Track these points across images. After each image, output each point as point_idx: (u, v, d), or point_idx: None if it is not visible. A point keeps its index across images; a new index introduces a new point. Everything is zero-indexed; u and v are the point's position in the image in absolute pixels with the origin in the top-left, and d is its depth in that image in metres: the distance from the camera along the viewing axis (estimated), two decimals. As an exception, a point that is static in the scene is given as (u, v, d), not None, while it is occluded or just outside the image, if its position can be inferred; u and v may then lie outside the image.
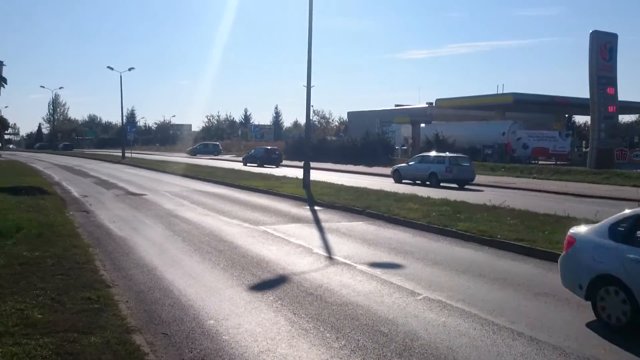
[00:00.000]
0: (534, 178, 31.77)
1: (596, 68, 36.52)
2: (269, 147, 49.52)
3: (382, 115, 62.86)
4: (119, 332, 5.81)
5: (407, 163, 29.81)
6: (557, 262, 9.97)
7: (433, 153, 29.58)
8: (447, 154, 28.43)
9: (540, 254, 10.51)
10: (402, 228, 13.84)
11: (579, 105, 49.97)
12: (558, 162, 43.65)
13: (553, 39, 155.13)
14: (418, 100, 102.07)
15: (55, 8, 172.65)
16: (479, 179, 28.24)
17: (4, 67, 6.71)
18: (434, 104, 58.52)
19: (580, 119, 75.88)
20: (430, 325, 6.64)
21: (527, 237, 11.51)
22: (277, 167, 42.61)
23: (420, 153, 33.19)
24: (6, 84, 6.98)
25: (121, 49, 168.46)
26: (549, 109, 54.16)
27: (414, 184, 27.82)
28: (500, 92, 57.09)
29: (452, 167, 26.65)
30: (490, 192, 23.50)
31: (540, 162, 43.38)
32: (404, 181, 28.66)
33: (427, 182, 27.21)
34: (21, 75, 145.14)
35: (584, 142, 53.76)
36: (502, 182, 29.03)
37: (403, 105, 67.22)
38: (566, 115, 66.55)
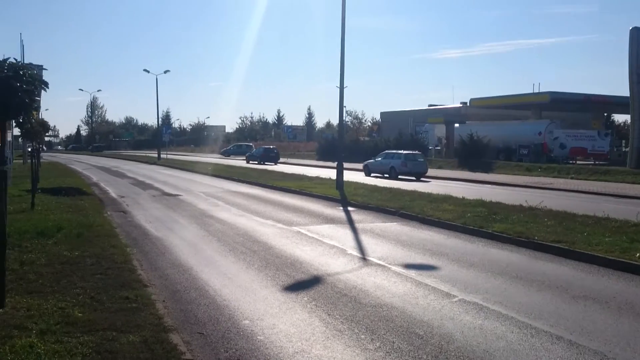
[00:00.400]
0: (571, 178, 31.14)
1: (636, 65, 35.62)
2: (268, 147, 56.10)
3: (415, 115, 62.44)
4: (156, 331, 5.89)
5: (374, 159, 34.03)
6: (597, 264, 9.83)
7: (394, 151, 34.63)
8: (403, 151, 32.80)
9: (579, 256, 10.28)
10: (436, 229, 13.71)
11: (618, 104, 48.81)
12: (597, 162, 42.67)
13: (591, 36, 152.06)
14: (452, 100, 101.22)
15: (93, 13, 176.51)
16: (505, 178, 28.84)
17: (44, 71, 6.96)
18: (468, 104, 57.90)
19: (620, 118, 74.21)
20: (466, 328, 6.56)
21: (565, 239, 11.27)
22: (275, 164, 48.25)
23: (455, 153, 33.80)
24: (48, 87, 7.20)
25: (156, 52, 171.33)
26: (587, 108, 52.98)
27: (382, 177, 31.49)
28: (536, 91, 56.08)
29: (407, 162, 31.12)
30: (525, 192, 23.09)
31: (578, 162, 42.47)
32: (372, 175, 32.63)
33: (387, 175, 31.37)
34: (60, 78, 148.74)
35: (623, 141, 52.39)
36: (538, 182, 28.54)
37: (436, 105, 66.70)
38: (605, 114, 64.96)
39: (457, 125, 50.90)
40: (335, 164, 25.01)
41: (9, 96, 6.04)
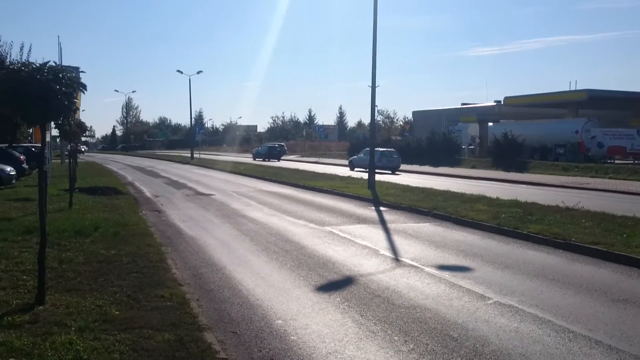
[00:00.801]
0: (610, 178, 30.40)
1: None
2: (272, 145, 63.04)
3: (448, 114, 61.85)
4: (191, 329, 5.96)
5: (358, 155, 39.29)
6: (636, 267, 9.57)
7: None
8: (380, 149, 37.07)
9: (618, 258, 10.03)
10: (470, 230, 13.55)
11: (658, 102, 47.45)
12: (636, 162, 41.56)
13: (629, 32, 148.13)
14: (485, 98, 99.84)
15: (127, 15, 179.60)
16: (540, 178, 28.43)
17: (82, 73, 7.14)
18: (502, 102, 57.07)
19: (660, 116, 71.92)
20: (501, 330, 6.46)
21: (603, 241, 11.02)
22: (278, 160, 54.92)
23: (489, 153, 33.42)
24: (86, 90, 7.34)
25: (190, 53, 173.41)
26: (626, 106, 51.61)
27: (364, 170, 32.94)
28: (573, 88, 54.92)
29: (383, 158, 36.15)
30: (561, 192, 22.64)
31: (616, 162, 41.45)
32: (356, 169, 37.92)
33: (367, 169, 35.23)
34: (96, 80, 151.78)
35: (664, 140, 50.87)
36: (575, 182, 27.95)
37: (470, 104, 65.88)
38: (644, 112, 63.22)
39: (490, 124, 50.23)
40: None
41: (49, 99, 6.15)
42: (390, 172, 36.16)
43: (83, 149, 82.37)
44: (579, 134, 43.15)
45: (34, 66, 6.39)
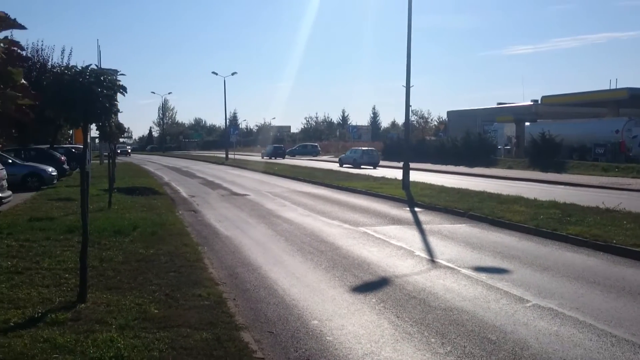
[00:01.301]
0: (652, 179, 29.53)
1: None
2: (277, 145, 71.00)
3: (483, 114, 60.98)
4: (228, 329, 6.02)
5: (345, 154, 48.06)
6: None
7: (357, 148, 50.09)
8: (363, 148, 47.47)
9: (663, 261, 9.75)
10: (507, 231, 13.35)
11: None
12: (680, 162, 40.26)
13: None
14: (522, 97, 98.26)
15: (164, 18, 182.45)
16: (579, 179, 28.36)
17: (122, 76, 7.23)
18: (539, 102, 56.02)
19: None
20: (541, 334, 6.35)
21: (646, 243, 10.72)
22: (283, 158, 61.22)
23: (526, 153, 33.00)
24: (126, 92, 7.50)
25: (224, 54, 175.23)
26: (670, 105, 50.11)
27: (352, 167, 42.54)
28: (613, 87, 53.55)
29: (364, 155, 44.72)
30: (601, 193, 22.10)
31: (659, 162, 40.22)
32: (344, 165, 44.88)
33: (351, 165, 44.05)
34: (133, 82, 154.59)
35: None
36: (615, 183, 27.25)
37: (506, 104, 64.83)
38: (689, 111, 61.27)
39: (527, 123, 49.32)
40: (400, 164, 24.80)
41: (91, 101, 6.30)
42: (372, 167, 42.83)
43: (129, 150, 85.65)
44: (619, 134, 42.03)
45: (77, 70, 6.55)
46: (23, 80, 2.03)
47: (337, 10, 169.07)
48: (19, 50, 2.04)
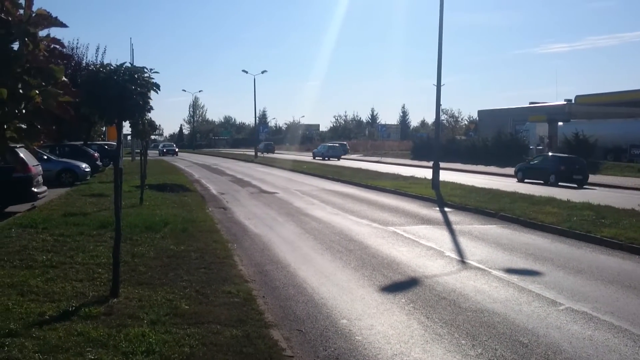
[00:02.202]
0: (690, 181, 28.75)
1: None
2: (268, 142, 79.00)
3: (515, 113, 60.10)
4: (258, 326, 6.04)
5: (317, 149, 59.54)
6: None
7: (325, 143, 64.45)
8: (328, 144, 61.25)
9: (702, 266, 9.48)
10: (539, 233, 13.14)
11: None
12: None
13: None
14: (555, 97, 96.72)
15: (194, 16, 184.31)
16: (614, 180, 27.91)
17: (156, 74, 7.34)
18: (573, 101, 55.04)
19: None
20: (574, 338, 6.23)
21: (685, 247, 10.44)
22: (273, 153, 68.65)
23: (558, 153, 32.75)
24: (159, 90, 7.63)
25: (254, 53, 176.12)
26: None
27: (323, 159, 51.64)
28: (650, 86, 52.24)
29: (330, 150, 57.00)
30: (637, 195, 21.60)
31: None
32: (316, 158, 55.18)
33: (321, 158, 53.85)
34: (164, 79, 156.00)
35: None
36: (652, 185, 26.60)
37: (538, 103, 63.80)
38: None
39: (560, 123, 48.45)
40: (430, 164, 24.60)
41: (125, 98, 6.39)
42: (336, 159, 51.59)
43: (176, 149, 72.97)
44: (657, 134, 41.02)
45: (111, 68, 6.65)
46: (64, 78, 2.07)
47: (367, 8, 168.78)
48: (60, 48, 2.06)
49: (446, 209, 17.27)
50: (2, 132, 1.94)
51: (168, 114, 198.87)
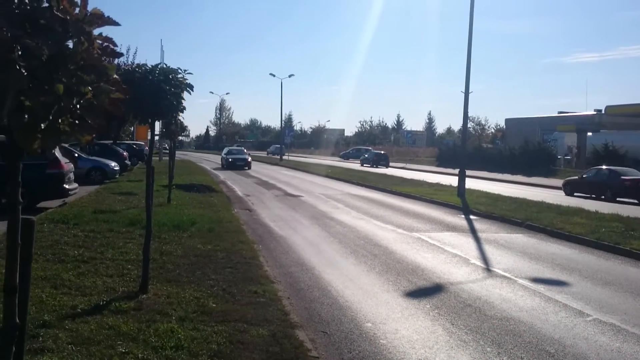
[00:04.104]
0: None
1: None
2: (276, 146, 78.34)
3: (543, 122, 59.50)
4: (284, 326, 6.10)
5: (269, 148, 63.28)
6: None
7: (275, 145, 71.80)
8: (276, 145, 58.75)
9: None
10: (566, 243, 12.98)
11: None
12: None
13: None
14: (585, 107, 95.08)
15: (223, 19, 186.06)
16: None
17: (189, 75, 7.51)
18: (602, 112, 54.26)
19: None
20: (602, 349, 6.16)
21: None
22: (386, 167, 51.30)
23: (587, 164, 32.05)
24: (192, 90, 7.77)
25: (281, 56, 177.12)
26: None
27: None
28: (683, 98, 51.20)
29: (276, 150, 53.07)
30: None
31: None
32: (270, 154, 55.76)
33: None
34: (192, 81, 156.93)
35: None
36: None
37: (567, 113, 63.05)
38: None
39: (590, 134, 47.83)
40: (455, 171, 24.46)
41: (160, 98, 6.52)
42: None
43: (249, 158, 63.31)
44: (689, 147, 40.22)
45: (147, 68, 6.80)
46: (115, 75, 2.16)
47: (396, 14, 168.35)
48: (112, 46, 2.15)
49: (472, 217, 17.16)
50: (57, 126, 2.03)
51: (195, 116, 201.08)
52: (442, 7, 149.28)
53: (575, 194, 27.17)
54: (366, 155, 56.99)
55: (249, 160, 42.79)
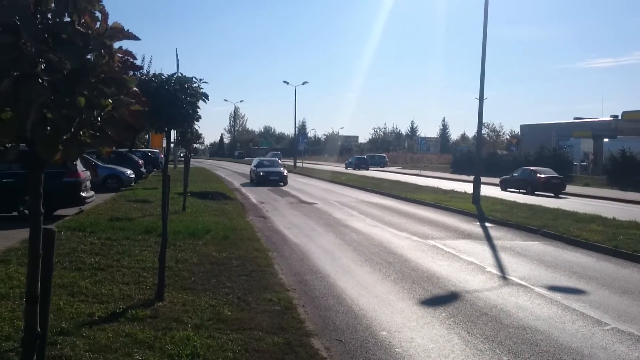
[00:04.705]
0: None
1: None
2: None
3: (558, 128, 59.00)
4: (299, 334, 6.10)
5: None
6: None
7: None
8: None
9: None
10: (583, 251, 12.85)
11: None
12: None
13: None
14: (601, 113, 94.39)
15: (236, 27, 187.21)
16: None
17: (205, 84, 7.58)
18: (619, 117, 53.75)
19: None
20: (621, 359, 6.09)
21: None
22: (243, 159, 75.43)
23: (604, 170, 32.18)
24: (208, 99, 7.85)
25: (295, 64, 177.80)
26: None
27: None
28: (701, 103, 50.57)
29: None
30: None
31: None
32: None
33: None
34: (207, 89, 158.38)
35: None
36: (703, 205, 25.69)
37: (583, 119, 62.51)
38: None
39: (606, 140, 47.37)
40: (470, 178, 24.33)
41: (175, 108, 6.59)
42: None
43: (285, 171, 62.72)
44: None
45: (163, 77, 6.87)
46: (135, 88, 2.19)
47: (409, 19, 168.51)
48: (132, 60, 2.19)
49: (487, 224, 17.06)
50: (78, 138, 2.06)
51: (209, 123, 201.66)
52: (456, 13, 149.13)
53: (509, 189, 31.87)
54: (350, 160, 67.60)
55: (285, 174, 33.62)
